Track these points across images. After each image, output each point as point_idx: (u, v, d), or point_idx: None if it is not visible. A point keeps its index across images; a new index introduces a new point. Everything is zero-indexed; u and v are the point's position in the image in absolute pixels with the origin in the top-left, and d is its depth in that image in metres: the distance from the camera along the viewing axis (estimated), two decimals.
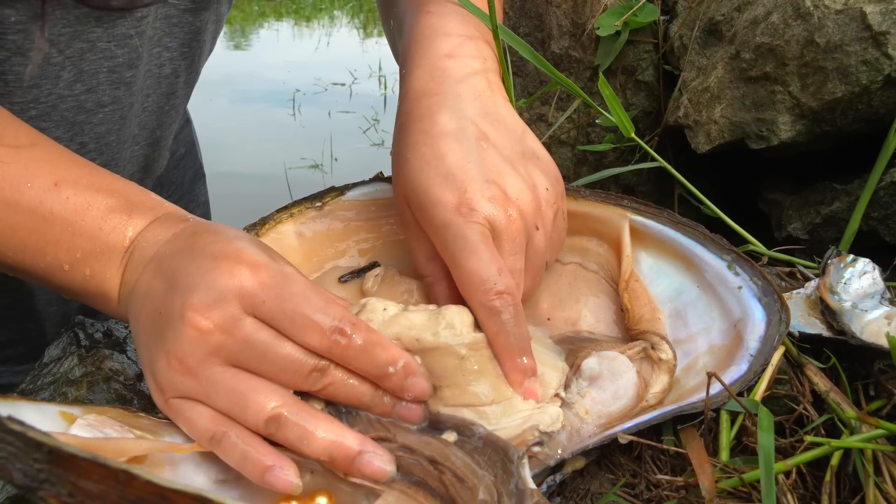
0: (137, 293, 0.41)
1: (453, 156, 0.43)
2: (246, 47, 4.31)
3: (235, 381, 0.38)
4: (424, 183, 0.42)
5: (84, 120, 0.56)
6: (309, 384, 0.38)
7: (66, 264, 0.43)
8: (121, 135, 0.59)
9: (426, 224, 0.43)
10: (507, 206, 0.42)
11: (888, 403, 0.44)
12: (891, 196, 0.68)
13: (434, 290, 0.46)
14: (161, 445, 0.39)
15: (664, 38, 0.95)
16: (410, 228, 0.45)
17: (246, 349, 0.37)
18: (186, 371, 0.38)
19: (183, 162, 0.83)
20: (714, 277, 0.48)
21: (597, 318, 0.51)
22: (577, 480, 0.41)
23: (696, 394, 0.42)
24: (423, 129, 0.44)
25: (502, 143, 0.45)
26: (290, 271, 0.39)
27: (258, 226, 0.53)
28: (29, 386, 0.49)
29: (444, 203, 0.42)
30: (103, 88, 0.55)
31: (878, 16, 0.67)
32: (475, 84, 0.46)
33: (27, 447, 0.24)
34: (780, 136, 0.75)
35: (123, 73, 0.56)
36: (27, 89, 0.51)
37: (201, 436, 0.38)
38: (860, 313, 0.49)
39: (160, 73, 0.61)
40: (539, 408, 0.41)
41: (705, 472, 0.39)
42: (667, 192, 0.99)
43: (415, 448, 0.39)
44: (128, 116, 0.59)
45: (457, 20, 0.50)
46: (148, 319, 0.40)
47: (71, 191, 0.43)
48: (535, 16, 1.08)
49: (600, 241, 0.53)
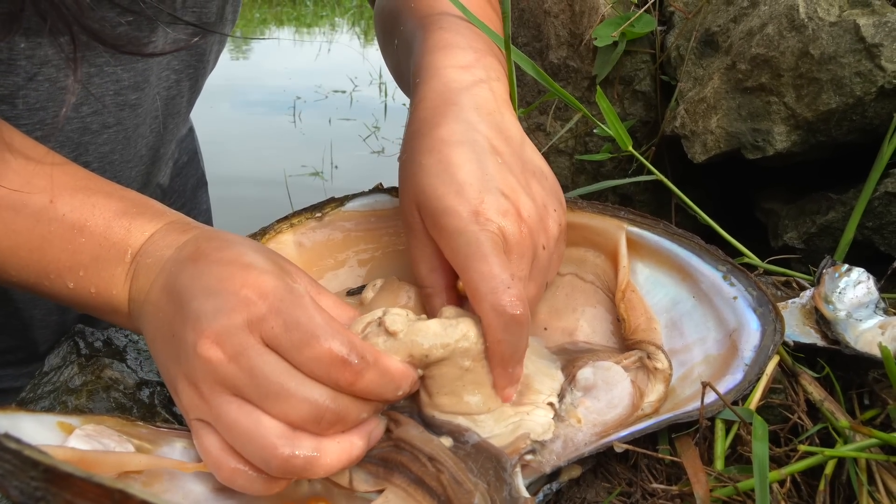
0: (148, 310, 0.41)
1: (470, 166, 0.43)
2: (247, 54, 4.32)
3: (238, 416, 0.37)
4: (440, 189, 0.42)
5: (89, 140, 0.56)
6: (313, 429, 0.37)
7: (70, 281, 0.43)
8: (124, 154, 0.60)
9: (437, 230, 0.43)
10: (519, 222, 0.42)
11: (882, 413, 0.45)
12: (885, 206, 0.68)
13: (432, 302, 0.45)
14: (161, 462, 0.39)
15: (661, 49, 0.96)
16: (416, 236, 0.45)
17: (251, 382, 0.36)
18: (200, 397, 0.38)
19: (186, 170, 0.84)
20: (709, 288, 0.49)
21: (593, 329, 0.51)
22: (573, 489, 0.41)
23: (692, 403, 0.43)
24: (439, 136, 0.44)
25: (513, 160, 0.45)
26: (299, 289, 0.39)
27: (258, 235, 0.54)
28: (29, 394, 0.50)
29: (459, 210, 0.41)
30: (109, 110, 0.56)
31: (871, 28, 0.67)
32: (487, 98, 0.47)
33: (23, 465, 0.24)
34: (775, 147, 0.75)
35: (129, 95, 0.57)
36: (34, 111, 0.52)
37: (212, 467, 0.38)
38: (855, 323, 0.49)
39: (167, 94, 0.62)
40: (530, 416, 0.41)
41: (700, 481, 0.39)
42: (664, 201, 1.00)
43: (415, 444, 0.39)
44: (132, 137, 0.60)
45: (470, 36, 0.51)
46: (164, 340, 0.40)
47: (68, 207, 0.42)
48: (533, 26, 1.09)
49: (597, 252, 0.53)
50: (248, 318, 0.37)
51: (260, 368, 0.36)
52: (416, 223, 0.45)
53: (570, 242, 0.53)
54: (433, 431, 0.41)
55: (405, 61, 0.54)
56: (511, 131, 0.47)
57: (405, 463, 0.38)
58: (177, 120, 0.65)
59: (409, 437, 0.39)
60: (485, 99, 0.47)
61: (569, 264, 0.54)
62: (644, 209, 1.02)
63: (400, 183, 0.47)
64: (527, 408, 0.42)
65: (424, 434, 0.40)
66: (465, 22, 0.52)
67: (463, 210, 0.41)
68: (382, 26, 0.65)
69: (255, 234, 0.54)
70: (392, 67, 0.64)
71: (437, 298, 0.45)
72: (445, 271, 0.44)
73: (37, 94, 0.51)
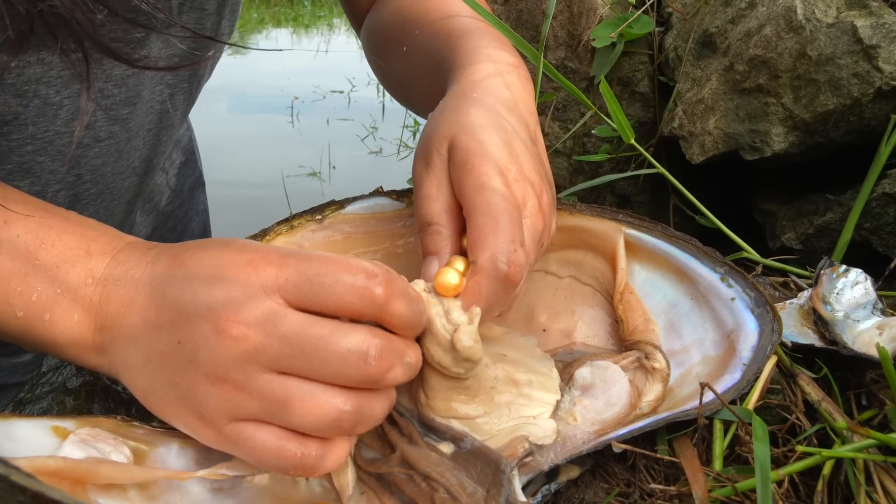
0: (133, 336, 0.37)
1: (509, 135, 0.43)
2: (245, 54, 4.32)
3: (291, 390, 0.34)
4: (481, 134, 0.42)
5: (81, 154, 0.56)
6: (364, 375, 0.34)
7: (19, 310, 0.38)
8: (116, 166, 0.60)
9: (466, 169, 0.41)
10: (540, 208, 0.43)
11: (879, 413, 0.45)
12: (882, 207, 0.68)
13: (437, 242, 0.42)
14: (154, 473, 0.37)
15: (659, 50, 0.96)
16: (435, 173, 0.43)
17: (289, 350, 0.33)
18: (235, 388, 0.34)
19: (183, 170, 0.84)
20: (707, 289, 0.49)
21: (592, 331, 0.52)
22: (571, 490, 0.41)
23: (690, 402, 0.43)
24: (485, 100, 0.45)
25: (541, 159, 0.47)
26: (293, 248, 0.37)
27: (258, 237, 0.54)
28: (28, 395, 0.49)
29: (497, 160, 0.41)
30: (100, 125, 0.55)
31: (868, 29, 0.68)
32: (526, 99, 0.49)
33: (11, 490, 0.24)
34: (773, 148, 0.75)
35: (120, 110, 0.56)
36: (24, 126, 0.50)
37: (274, 461, 0.35)
38: (852, 323, 0.49)
39: (160, 108, 0.61)
40: (536, 420, 0.41)
41: (698, 482, 0.39)
42: (662, 202, 1.00)
43: (412, 462, 0.39)
44: (124, 150, 0.59)
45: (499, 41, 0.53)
46: (164, 357, 0.36)
47: (23, 228, 0.39)
48: (531, 26, 1.09)
49: (596, 254, 0.53)
50: (262, 284, 0.34)
51: (293, 331, 0.33)
52: (439, 159, 0.43)
53: (569, 245, 0.53)
54: (434, 436, 0.41)
55: (420, 65, 0.54)
56: (540, 138, 0.49)
57: (399, 484, 0.38)
58: (170, 132, 0.65)
59: (408, 456, 0.39)
60: (524, 98, 0.48)
61: (567, 267, 0.54)
62: (642, 209, 1.02)
63: (432, 120, 0.46)
64: (529, 409, 0.42)
65: (421, 451, 0.39)
66: (490, 27, 0.54)
67: (502, 162, 0.41)
68: (384, 35, 0.64)
69: (255, 236, 0.54)
70: (396, 74, 0.64)
71: (444, 240, 0.42)
72: (457, 216, 0.43)
73: (26, 112, 0.51)
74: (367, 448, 0.42)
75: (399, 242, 0.56)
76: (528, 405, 0.43)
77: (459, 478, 0.38)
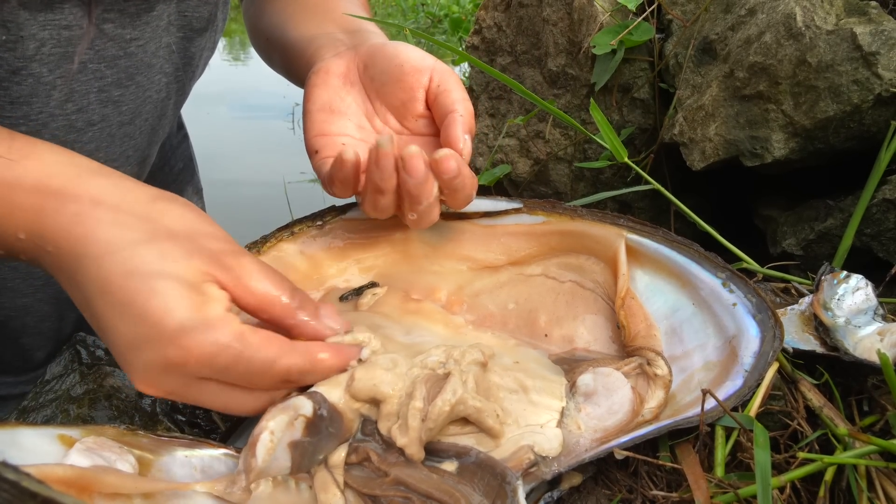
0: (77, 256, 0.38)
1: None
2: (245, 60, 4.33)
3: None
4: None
5: (74, 139, 0.57)
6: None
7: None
8: (109, 152, 0.61)
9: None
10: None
11: (881, 419, 0.45)
12: (883, 213, 0.69)
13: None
14: (157, 486, 0.38)
15: (659, 57, 0.96)
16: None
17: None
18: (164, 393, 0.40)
19: (181, 177, 0.84)
20: (709, 295, 0.49)
21: (594, 336, 0.52)
22: (573, 496, 0.41)
23: (692, 409, 0.43)
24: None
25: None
26: (214, 316, 0.38)
27: (259, 244, 0.54)
28: (32, 403, 0.50)
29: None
30: (93, 108, 0.57)
31: (868, 36, 0.68)
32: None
33: (21, 495, 0.24)
34: (773, 154, 0.75)
35: (112, 91, 0.57)
36: (17, 105, 0.52)
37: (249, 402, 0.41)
38: (853, 329, 0.49)
39: (156, 97, 0.62)
40: (541, 429, 0.41)
41: (700, 488, 0.39)
42: (663, 208, 1.00)
43: (409, 483, 0.38)
44: (117, 135, 0.60)
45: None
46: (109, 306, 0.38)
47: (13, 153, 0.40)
48: (532, 34, 1.10)
49: (597, 259, 0.54)
50: (173, 369, 0.38)
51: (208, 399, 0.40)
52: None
53: (570, 250, 0.53)
54: (437, 456, 0.40)
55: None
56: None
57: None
58: (164, 122, 0.66)
59: (405, 478, 0.39)
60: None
61: (569, 272, 0.54)
62: (643, 216, 1.02)
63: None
64: (535, 416, 0.42)
65: (422, 472, 0.39)
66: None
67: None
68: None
69: (257, 242, 0.54)
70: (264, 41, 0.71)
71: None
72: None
73: (19, 89, 0.51)
74: (359, 467, 0.41)
75: (399, 247, 0.56)
76: (534, 412, 0.42)
77: (464, 491, 0.38)
